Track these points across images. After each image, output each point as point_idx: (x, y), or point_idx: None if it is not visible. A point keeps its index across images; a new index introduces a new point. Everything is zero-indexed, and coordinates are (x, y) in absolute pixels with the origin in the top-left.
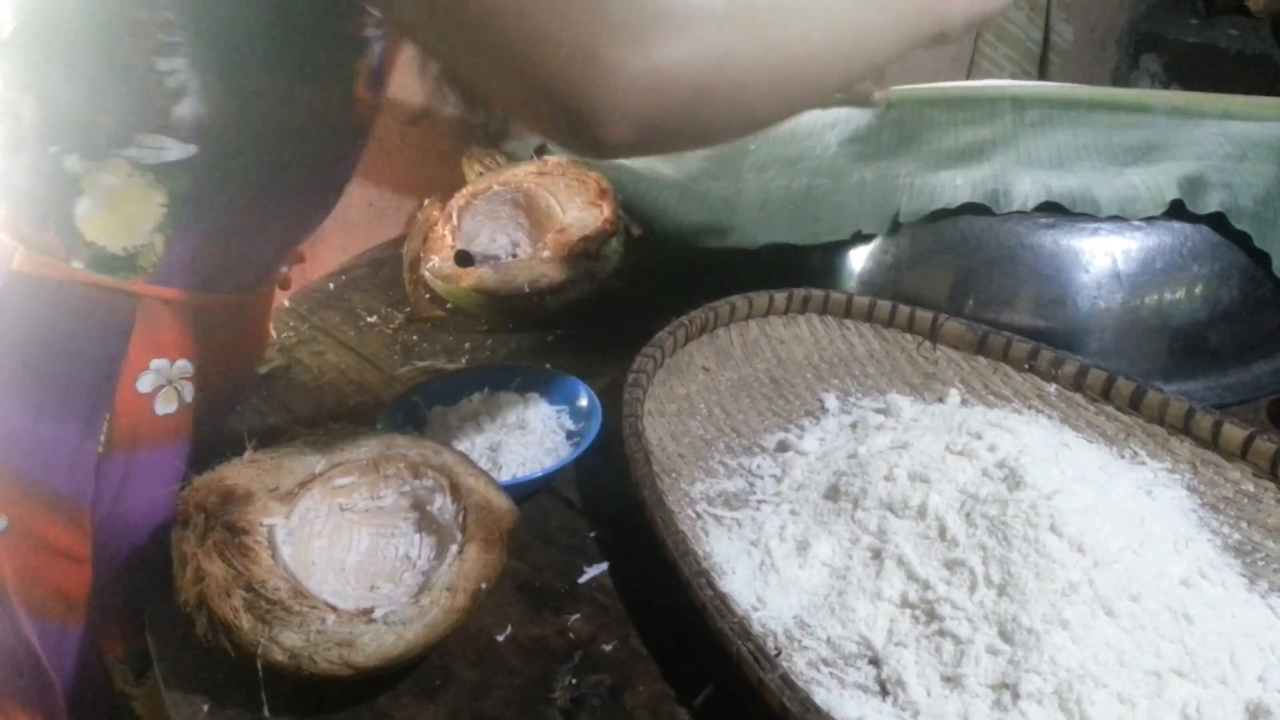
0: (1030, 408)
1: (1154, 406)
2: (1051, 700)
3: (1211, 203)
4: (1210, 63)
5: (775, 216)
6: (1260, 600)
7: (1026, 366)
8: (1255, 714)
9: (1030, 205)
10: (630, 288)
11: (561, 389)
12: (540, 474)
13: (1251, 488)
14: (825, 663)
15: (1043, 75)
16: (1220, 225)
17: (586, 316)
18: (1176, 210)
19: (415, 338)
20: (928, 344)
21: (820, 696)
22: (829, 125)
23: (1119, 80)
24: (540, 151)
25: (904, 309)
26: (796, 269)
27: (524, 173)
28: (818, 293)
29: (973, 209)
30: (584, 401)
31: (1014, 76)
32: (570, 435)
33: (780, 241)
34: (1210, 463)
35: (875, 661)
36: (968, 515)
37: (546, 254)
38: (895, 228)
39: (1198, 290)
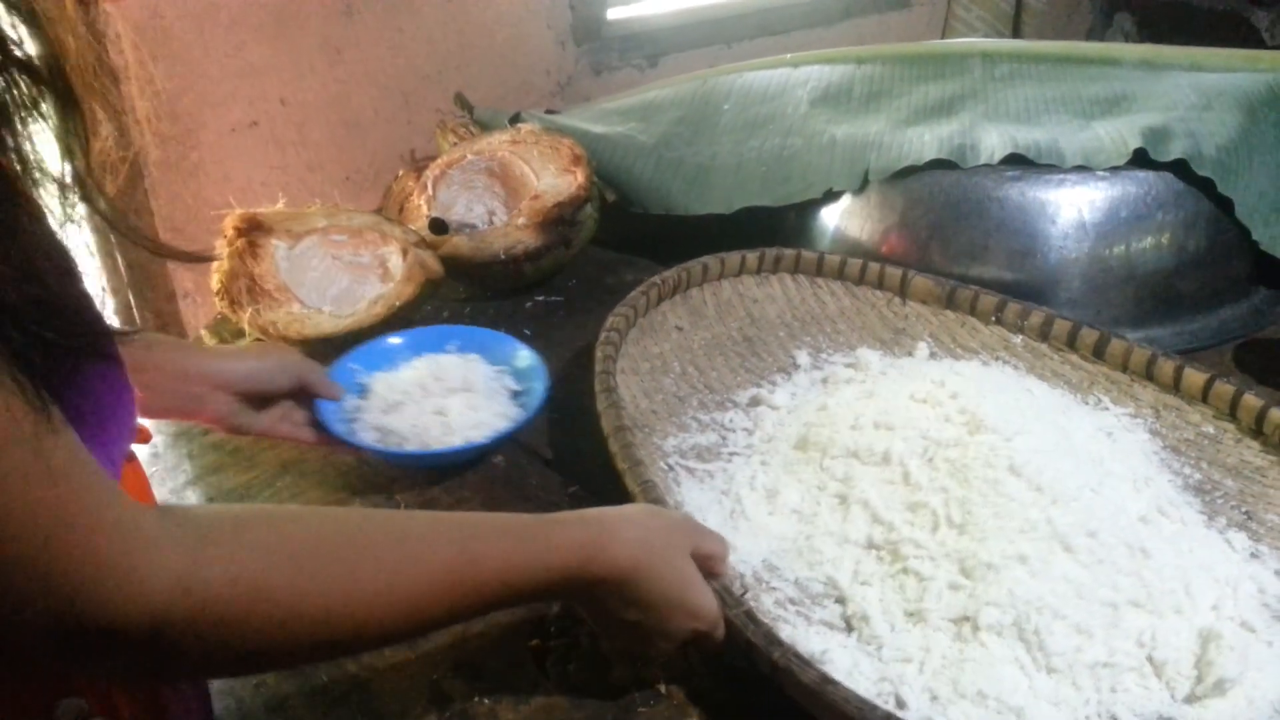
0: (997, 359)
1: (1118, 354)
2: (1011, 631)
3: (1174, 150)
4: (1183, 20)
5: (748, 179)
6: (1218, 535)
7: (994, 319)
8: (1207, 639)
9: (997, 158)
10: (606, 253)
11: (500, 349)
12: (494, 436)
13: (1211, 429)
14: (792, 602)
15: (1016, 36)
16: (1184, 173)
17: (563, 282)
18: (1140, 159)
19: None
20: (898, 300)
21: (786, 632)
22: (801, 83)
23: (1093, 40)
24: (515, 120)
25: (874, 266)
26: (771, 230)
27: (498, 141)
28: (789, 252)
29: (940, 164)
30: (524, 361)
31: (987, 38)
32: (515, 395)
33: (754, 204)
34: (1172, 407)
35: (841, 600)
36: (930, 459)
37: (522, 221)
38: (865, 185)
39: (1164, 238)
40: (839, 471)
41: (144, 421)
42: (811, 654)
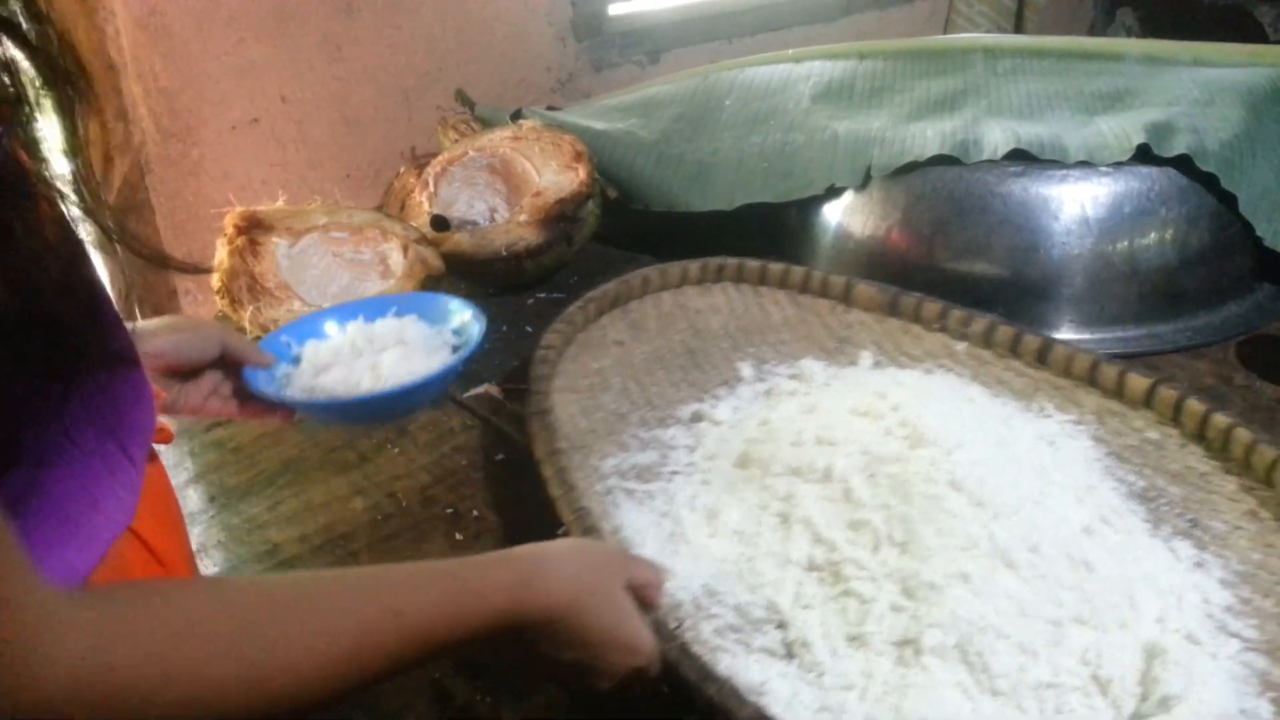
0: (941, 366)
1: (1060, 360)
2: (954, 654)
3: (1177, 146)
4: (1185, 15)
5: (750, 176)
6: (1163, 544)
7: (937, 326)
8: (1152, 654)
9: (1000, 154)
10: (608, 250)
11: (437, 308)
12: (426, 378)
13: (1156, 435)
14: (732, 629)
15: (1019, 31)
16: (1187, 168)
17: (565, 279)
18: (1143, 155)
19: None
20: (841, 307)
21: (725, 663)
22: (803, 78)
23: (1095, 35)
24: (516, 117)
25: (817, 274)
26: (773, 226)
27: (499, 138)
28: (732, 261)
29: (943, 160)
30: (462, 315)
31: (989, 33)
32: (456, 349)
33: (756, 200)
34: (1116, 413)
35: (782, 625)
36: (871, 475)
37: (523, 218)
38: (867, 181)
39: (1167, 234)
40: (780, 489)
41: (166, 420)
42: (750, 685)
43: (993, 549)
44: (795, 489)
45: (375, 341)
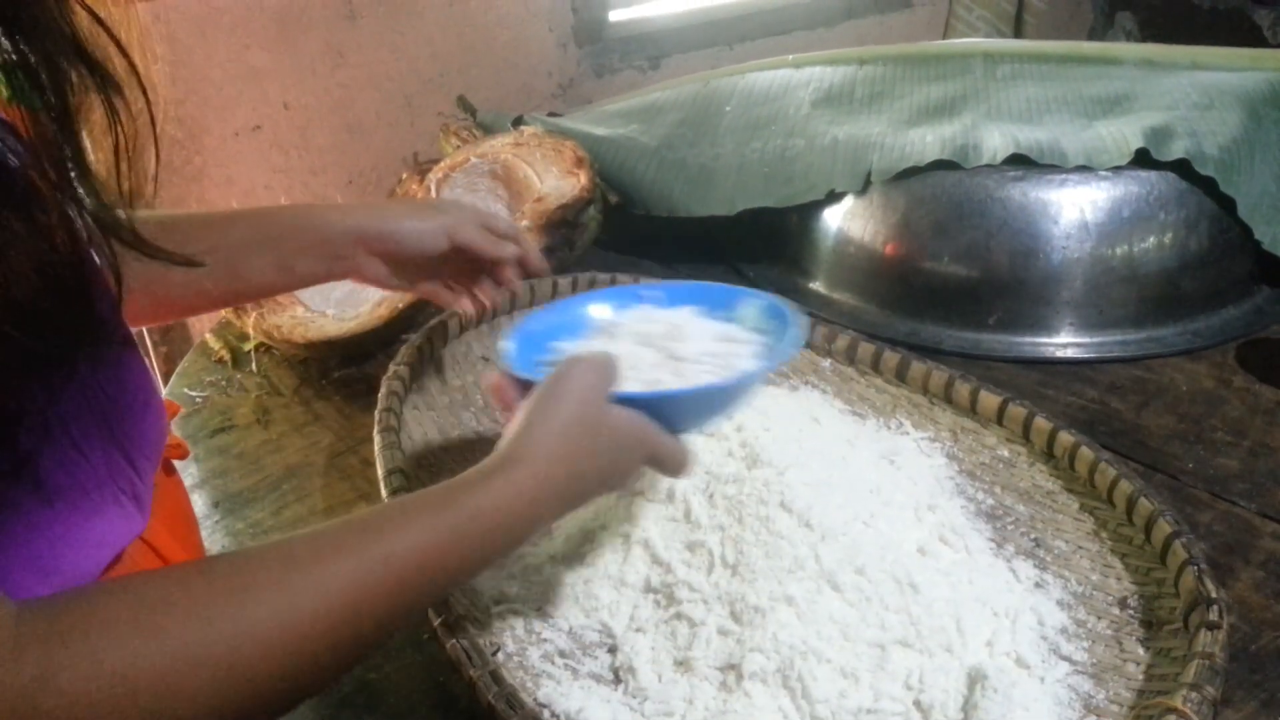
0: (806, 383)
1: (918, 377)
2: (775, 679)
3: (1176, 150)
4: (1184, 19)
5: (751, 181)
6: (1005, 564)
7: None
8: (974, 680)
9: (999, 159)
10: (609, 255)
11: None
12: (681, 391)
13: (1006, 453)
14: (562, 654)
15: (1018, 36)
16: (1186, 172)
17: None
18: (1142, 159)
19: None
20: None
21: (547, 689)
22: (803, 84)
23: (1094, 39)
24: (517, 123)
25: None
26: (774, 231)
27: (501, 144)
28: (604, 276)
29: (943, 165)
30: (767, 318)
31: (988, 38)
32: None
33: (756, 205)
34: (970, 430)
35: (613, 649)
36: (711, 496)
37: (525, 224)
38: (867, 186)
39: (1166, 238)
40: (624, 510)
41: (176, 430)
42: (567, 712)
43: (818, 571)
44: (638, 509)
45: (661, 343)
